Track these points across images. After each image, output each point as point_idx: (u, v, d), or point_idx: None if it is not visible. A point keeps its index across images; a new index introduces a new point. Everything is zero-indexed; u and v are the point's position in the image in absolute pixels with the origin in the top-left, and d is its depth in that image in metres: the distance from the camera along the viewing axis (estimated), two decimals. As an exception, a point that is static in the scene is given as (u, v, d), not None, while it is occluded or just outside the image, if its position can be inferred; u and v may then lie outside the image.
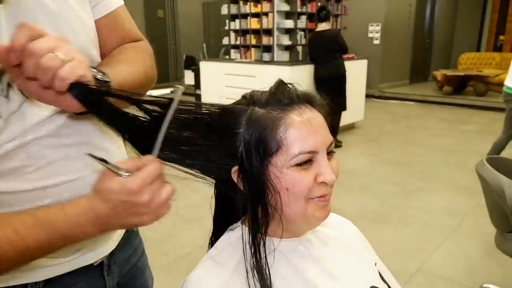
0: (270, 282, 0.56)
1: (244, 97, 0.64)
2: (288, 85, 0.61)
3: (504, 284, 1.97)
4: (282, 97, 0.59)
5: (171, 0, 9.51)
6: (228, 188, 0.61)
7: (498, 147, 3.32)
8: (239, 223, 0.65)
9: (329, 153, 0.60)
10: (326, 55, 4.43)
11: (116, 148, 0.72)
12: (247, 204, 0.60)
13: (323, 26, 4.39)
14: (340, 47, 4.37)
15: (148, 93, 0.72)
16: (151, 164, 0.50)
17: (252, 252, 0.58)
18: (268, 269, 0.57)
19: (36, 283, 0.64)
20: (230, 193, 0.62)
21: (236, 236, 0.63)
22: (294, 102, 0.59)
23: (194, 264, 0.65)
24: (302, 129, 0.57)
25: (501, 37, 9.69)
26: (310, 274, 0.61)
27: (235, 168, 0.59)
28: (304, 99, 0.60)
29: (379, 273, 0.70)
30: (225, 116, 0.59)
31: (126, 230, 0.81)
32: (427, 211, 2.93)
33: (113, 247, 0.76)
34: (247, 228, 0.62)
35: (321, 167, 0.58)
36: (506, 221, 1.55)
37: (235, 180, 0.60)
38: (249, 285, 0.56)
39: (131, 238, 0.83)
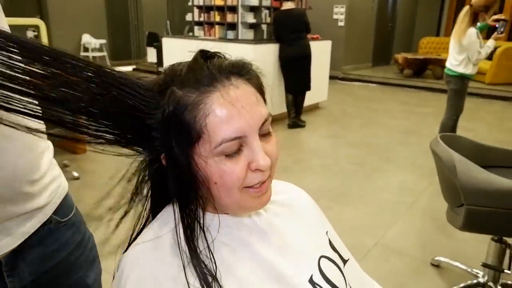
0: (214, 267, 0.53)
1: (164, 72, 0.55)
2: (211, 56, 0.54)
3: (453, 256, 2.09)
4: (199, 74, 0.51)
5: (132, -27, 9.09)
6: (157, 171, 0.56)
7: (446, 128, 3.47)
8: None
9: (265, 135, 0.54)
10: (292, 35, 4.41)
11: None
12: (174, 195, 0.55)
13: (288, 5, 4.34)
14: (306, 27, 4.36)
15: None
16: None
17: (185, 238, 0.53)
18: (212, 255, 0.53)
19: None
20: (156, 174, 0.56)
21: (170, 214, 0.59)
22: (216, 79, 0.51)
23: None
24: (224, 114, 0.49)
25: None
26: (256, 244, 0.59)
27: (164, 154, 0.53)
28: (229, 71, 0.52)
29: (330, 241, 0.69)
30: (141, 96, 0.51)
31: (44, 223, 0.71)
32: (385, 190, 3.03)
33: (13, 245, 0.66)
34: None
35: (253, 153, 0.52)
36: (456, 195, 1.61)
37: (164, 164, 0.54)
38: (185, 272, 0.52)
39: (57, 231, 0.74)
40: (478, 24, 3.11)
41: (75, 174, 3.07)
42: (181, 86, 0.51)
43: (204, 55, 0.53)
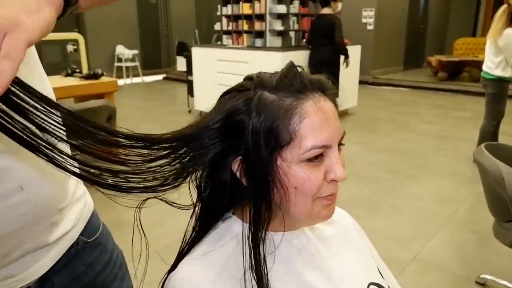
0: (267, 283, 0.52)
1: (249, 78, 0.57)
2: (299, 68, 0.55)
3: (500, 274, 1.95)
4: (294, 81, 0.53)
5: (162, -15, 9.34)
6: (222, 178, 0.56)
7: (485, 134, 3.30)
8: (230, 214, 0.60)
9: (339, 146, 0.56)
10: (320, 40, 4.38)
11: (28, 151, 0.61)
12: (248, 199, 0.55)
13: (325, 10, 4.34)
14: (332, 34, 4.29)
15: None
16: None
17: (252, 250, 0.53)
18: (266, 269, 0.53)
19: None
20: (223, 183, 0.56)
21: (226, 227, 0.59)
22: (307, 88, 0.53)
23: None
24: (316, 121, 0.51)
25: (496, 22, 9.63)
26: (304, 270, 0.57)
27: (237, 158, 0.53)
28: (317, 86, 0.54)
29: (377, 268, 0.66)
30: (229, 99, 0.54)
31: (75, 243, 0.70)
32: (420, 198, 2.91)
33: (46, 269, 0.65)
34: (242, 222, 0.57)
35: (332, 163, 0.53)
36: (504, 209, 1.51)
37: (235, 170, 0.54)
38: (245, 282, 0.52)
39: (83, 253, 0.72)
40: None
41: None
42: (274, 91, 0.52)
43: (295, 66, 0.56)
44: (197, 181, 0.57)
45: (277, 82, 0.53)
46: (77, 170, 0.43)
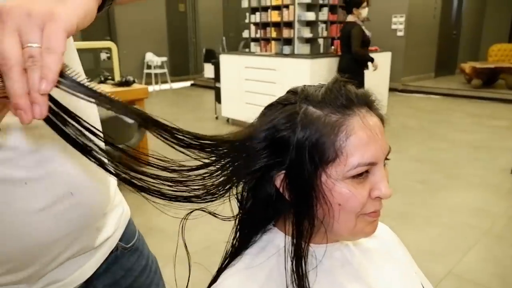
0: None
1: (293, 92, 0.56)
2: (345, 83, 0.54)
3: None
4: (340, 97, 0.52)
5: (192, -6, 9.54)
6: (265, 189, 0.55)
7: None
8: (271, 225, 0.60)
9: (384, 161, 0.55)
10: (343, 48, 4.36)
11: (77, 157, 0.60)
12: (291, 213, 0.54)
13: (349, 18, 4.29)
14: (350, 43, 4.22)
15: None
16: None
17: (294, 264, 0.52)
18: (309, 284, 0.52)
19: None
20: (267, 196, 0.56)
21: (268, 239, 0.59)
22: (353, 103, 0.52)
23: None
24: (363, 138, 0.50)
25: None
26: (348, 283, 0.56)
27: (281, 172, 0.53)
28: (363, 101, 0.53)
29: (422, 284, 0.64)
30: (273, 113, 0.53)
31: (114, 249, 0.72)
32: (454, 210, 2.80)
33: (90, 274, 0.67)
34: (284, 234, 0.57)
35: (378, 181, 0.52)
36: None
37: (278, 185, 0.54)
38: None
39: (122, 258, 0.74)
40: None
41: None
42: (320, 106, 0.52)
43: (341, 80, 0.55)
44: (239, 193, 0.57)
45: (322, 97, 0.52)
46: (126, 176, 0.42)
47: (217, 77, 5.57)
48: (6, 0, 0.35)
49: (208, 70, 8.40)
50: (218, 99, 5.57)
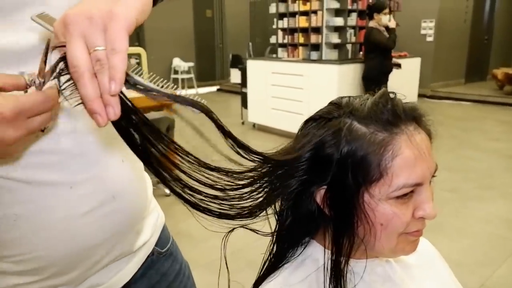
0: None
1: (336, 104, 0.54)
2: (392, 96, 0.53)
3: None
4: (386, 112, 0.50)
5: (219, 0, 9.64)
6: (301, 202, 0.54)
7: None
8: (309, 238, 0.59)
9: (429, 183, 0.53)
10: (365, 53, 4.31)
11: (120, 162, 0.61)
12: (331, 230, 0.54)
13: (370, 24, 4.26)
14: (374, 46, 4.17)
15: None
16: (48, 97, 0.38)
17: (334, 280, 0.52)
18: None
19: None
20: (307, 210, 0.55)
21: (307, 253, 0.58)
22: (400, 119, 0.50)
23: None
24: (410, 158, 0.48)
25: None
26: None
27: (322, 188, 0.52)
28: (411, 116, 0.51)
29: None
30: (316, 129, 0.52)
31: (150, 253, 0.72)
32: (487, 221, 2.73)
33: (128, 278, 0.67)
34: (323, 248, 0.56)
35: (423, 201, 0.51)
36: None
37: (319, 201, 0.53)
38: None
39: (158, 263, 0.74)
40: None
41: (167, 191, 3.21)
42: (365, 122, 0.50)
43: (388, 93, 0.53)
44: (277, 209, 0.56)
45: (368, 111, 0.50)
46: (179, 190, 0.44)
47: (243, 82, 5.62)
48: (67, 7, 0.37)
49: (235, 75, 8.47)
50: (244, 104, 5.61)
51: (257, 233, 0.56)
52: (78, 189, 0.55)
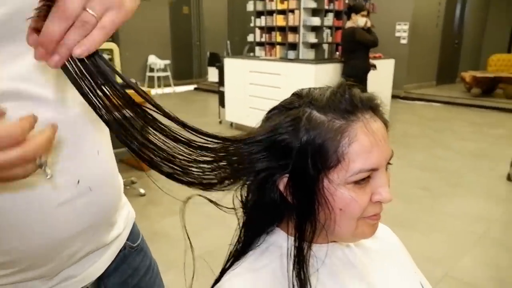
0: None
1: (298, 95, 0.56)
2: (350, 87, 0.54)
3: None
4: (344, 101, 0.52)
5: (196, -4, 9.57)
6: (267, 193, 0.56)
7: None
8: (274, 226, 0.61)
9: (386, 166, 0.55)
10: (344, 55, 4.40)
11: (95, 154, 0.62)
12: (293, 216, 0.55)
13: (347, 24, 4.35)
14: (359, 45, 4.27)
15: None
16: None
17: (296, 266, 0.53)
18: (311, 285, 0.53)
19: None
20: (271, 199, 0.56)
21: (271, 240, 0.60)
22: (358, 108, 0.52)
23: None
24: (366, 144, 0.50)
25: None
26: (350, 282, 0.57)
27: (284, 176, 0.54)
28: (368, 105, 0.53)
29: (420, 283, 0.66)
30: (276, 116, 0.54)
31: (122, 248, 0.73)
32: (454, 217, 2.84)
33: (102, 271, 0.68)
34: (287, 235, 0.58)
35: (379, 185, 0.53)
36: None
37: (282, 189, 0.55)
38: None
39: (130, 257, 0.76)
40: None
41: (142, 191, 3.15)
42: (324, 111, 0.52)
43: (346, 84, 0.55)
44: (243, 195, 0.58)
45: (327, 101, 0.52)
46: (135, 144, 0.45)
47: (221, 81, 5.60)
48: None
49: (212, 74, 8.43)
50: (222, 103, 5.59)
51: (218, 206, 0.57)
52: (57, 179, 0.55)
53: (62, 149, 0.56)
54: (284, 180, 0.54)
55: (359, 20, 4.29)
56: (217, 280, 0.60)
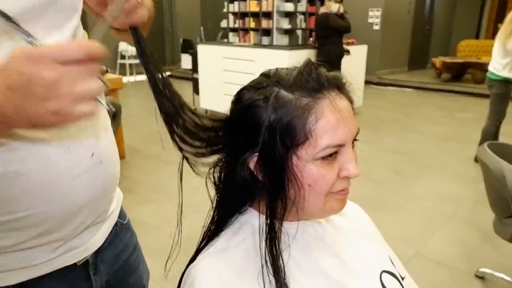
0: (285, 274, 0.53)
1: (266, 75, 0.57)
2: (317, 66, 0.55)
3: (500, 268, 1.99)
4: (311, 80, 0.53)
5: (168, -19, 9.33)
6: (239, 173, 0.57)
7: (487, 134, 3.34)
8: (246, 206, 0.62)
9: (352, 142, 0.57)
10: (317, 40, 4.43)
11: (104, 131, 0.68)
12: (264, 195, 0.56)
13: (321, 9, 4.36)
14: (333, 31, 4.30)
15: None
16: (81, 44, 0.40)
17: (268, 243, 0.54)
18: (283, 261, 0.54)
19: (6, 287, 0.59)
20: (242, 179, 0.57)
21: (244, 220, 0.61)
22: (324, 86, 0.53)
23: (194, 248, 0.63)
24: (332, 121, 0.52)
25: (500, 25, 9.62)
26: (321, 258, 0.59)
27: (254, 155, 0.55)
28: (334, 84, 0.55)
29: (389, 257, 0.69)
30: (246, 97, 0.55)
31: (114, 224, 0.77)
32: (424, 198, 2.94)
33: (100, 243, 0.71)
34: (258, 214, 0.59)
35: (346, 161, 0.55)
36: (505, 206, 1.55)
37: (252, 167, 0.56)
38: (263, 276, 0.53)
39: (121, 233, 0.80)
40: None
41: None
42: (291, 90, 0.53)
43: (312, 63, 0.56)
44: (215, 175, 0.60)
45: (294, 80, 0.53)
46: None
47: (194, 68, 5.53)
48: None
49: (186, 61, 8.31)
50: (196, 90, 5.53)
51: (192, 169, 0.60)
52: (75, 150, 0.59)
53: (84, 122, 0.61)
54: (254, 159, 0.55)
55: (333, 6, 4.31)
56: (191, 260, 0.61)
